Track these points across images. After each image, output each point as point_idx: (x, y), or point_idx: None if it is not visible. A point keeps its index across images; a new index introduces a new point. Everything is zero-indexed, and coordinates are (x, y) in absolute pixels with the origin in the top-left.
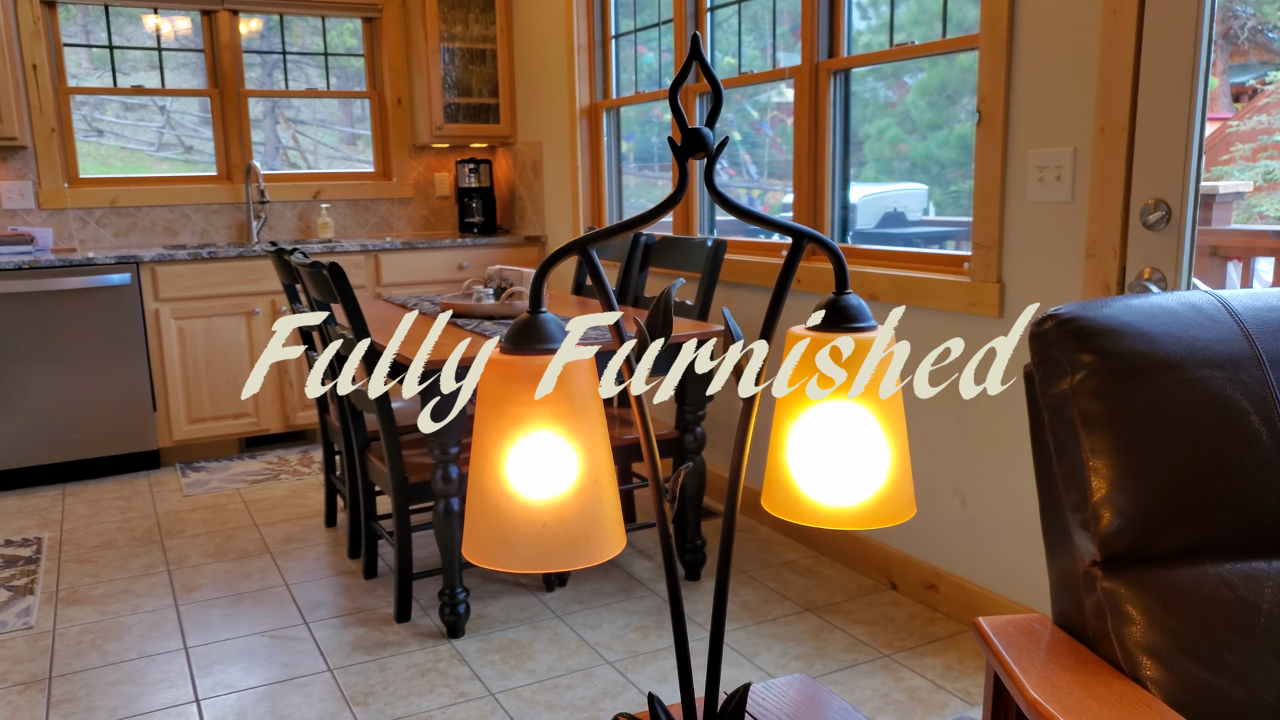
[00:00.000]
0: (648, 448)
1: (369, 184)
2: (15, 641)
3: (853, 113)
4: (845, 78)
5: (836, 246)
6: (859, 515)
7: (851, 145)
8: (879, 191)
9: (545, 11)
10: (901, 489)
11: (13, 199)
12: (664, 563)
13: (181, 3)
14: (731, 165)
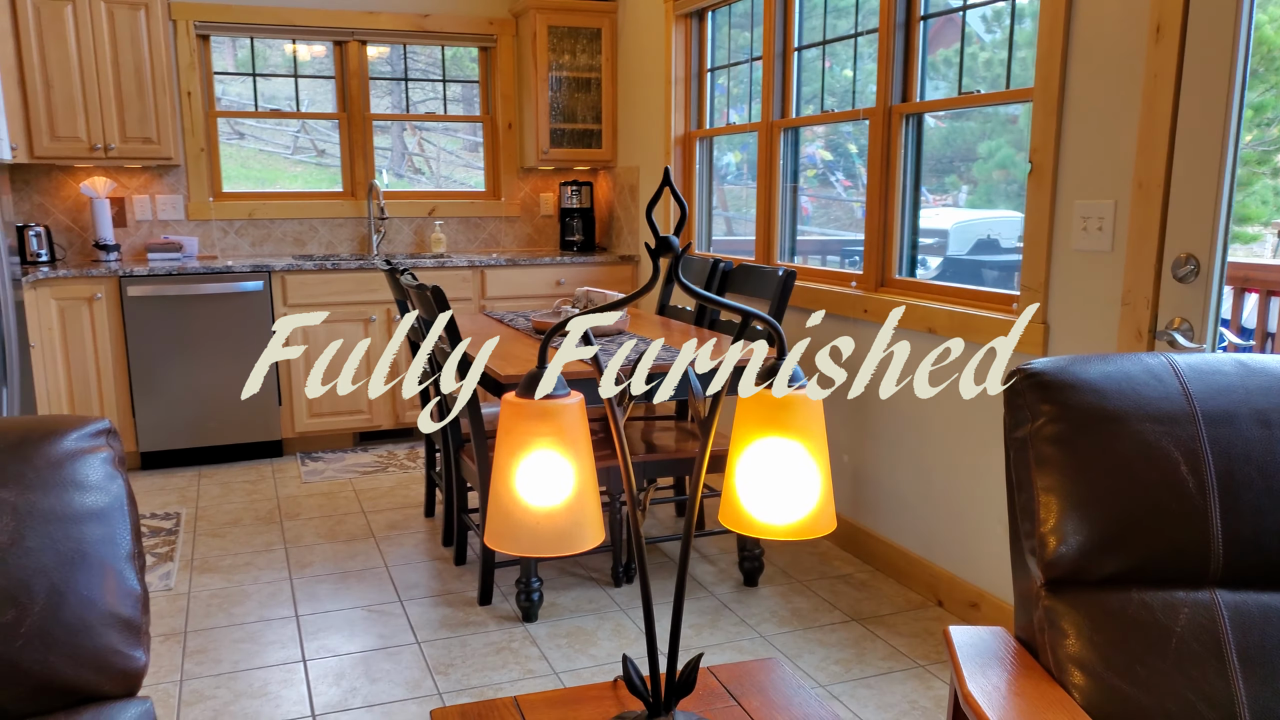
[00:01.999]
0: (624, 463)
1: (479, 203)
2: (158, 600)
3: (970, 127)
4: (917, 121)
5: (777, 323)
6: (788, 529)
7: (959, 166)
8: (975, 218)
9: (647, 44)
10: (825, 502)
11: (165, 210)
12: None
13: (316, 34)
14: (847, 176)
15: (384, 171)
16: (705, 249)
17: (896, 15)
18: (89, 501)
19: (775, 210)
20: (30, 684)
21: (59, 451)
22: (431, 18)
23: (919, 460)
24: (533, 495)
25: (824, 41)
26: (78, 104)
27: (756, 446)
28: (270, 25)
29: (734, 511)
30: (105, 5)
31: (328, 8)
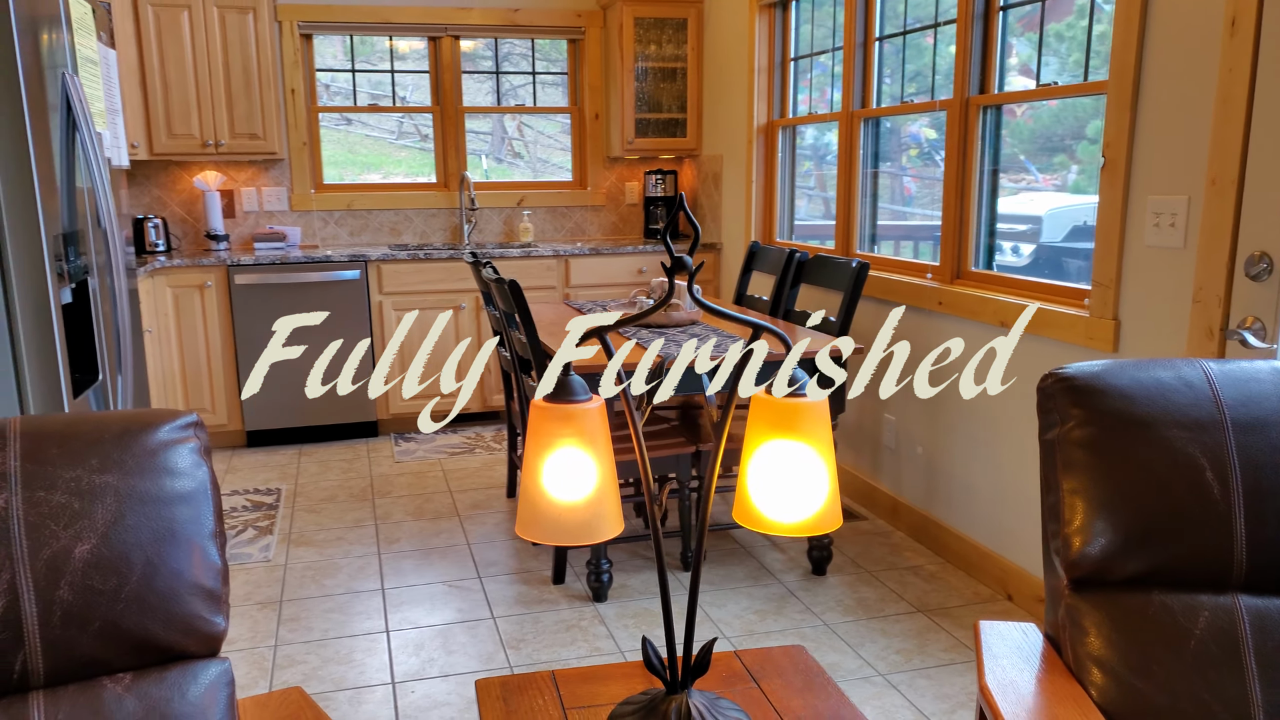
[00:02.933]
0: (641, 459)
1: (566, 192)
2: (258, 570)
3: (1084, 104)
4: (996, 112)
5: (785, 335)
6: (796, 527)
7: (1069, 145)
8: (1071, 204)
9: (731, 34)
10: (833, 501)
11: (270, 202)
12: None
13: (412, 30)
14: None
15: (483, 156)
16: (787, 237)
17: (975, 6)
18: (178, 486)
19: (855, 199)
20: (129, 642)
21: (154, 442)
22: (521, 11)
23: (992, 453)
24: (557, 489)
25: (904, 31)
26: (191, 103)
27: (766, 448)
28: (369, 23)
29: (746, 509)
30: (218, 10)
31: (423, 4)
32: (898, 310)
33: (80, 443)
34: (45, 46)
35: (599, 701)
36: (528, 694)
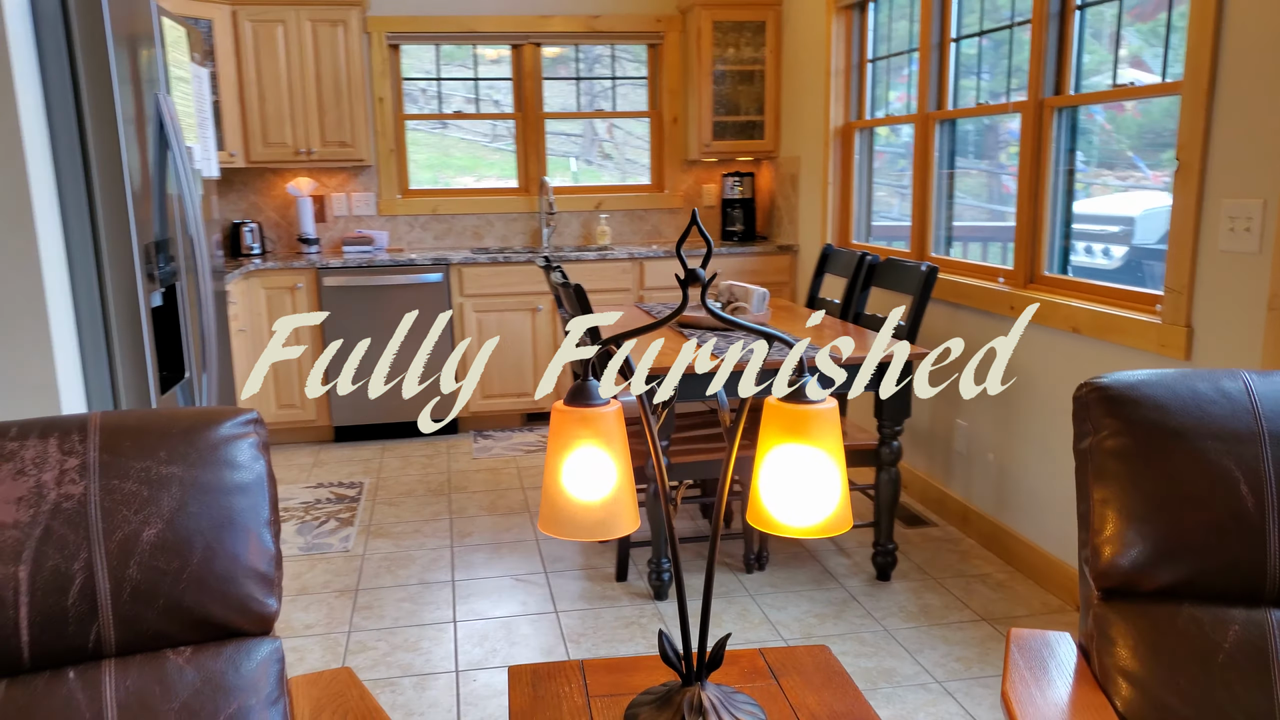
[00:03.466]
0: (657, 461)
1: (644, 195)
2: (337, 560)
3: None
4: (1071, 114)
5: (792, 340)
6: (806, 529)
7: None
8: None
9: (809, 35)
10: (844, 505)
11: (359, 207)
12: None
13: (495, 39)
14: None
15: (573, 159)
16: (864, 240)
17: (1051, 6)
18: (237, 478)
19: (930, 201)
20: (190, 619)
21: (216, 436)
22: (601, 18)
23: (1063, 461)
24: (576, 488)
25: (980, 32)
26: (285, 113)
27: (778, 452)
28: (454, 33)
29: (758, 511)
30: (310, 23)
31: (506, 13)
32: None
33: (151, 436)
34: (140, 69)
35: (621, 691)
36: (555, 681)
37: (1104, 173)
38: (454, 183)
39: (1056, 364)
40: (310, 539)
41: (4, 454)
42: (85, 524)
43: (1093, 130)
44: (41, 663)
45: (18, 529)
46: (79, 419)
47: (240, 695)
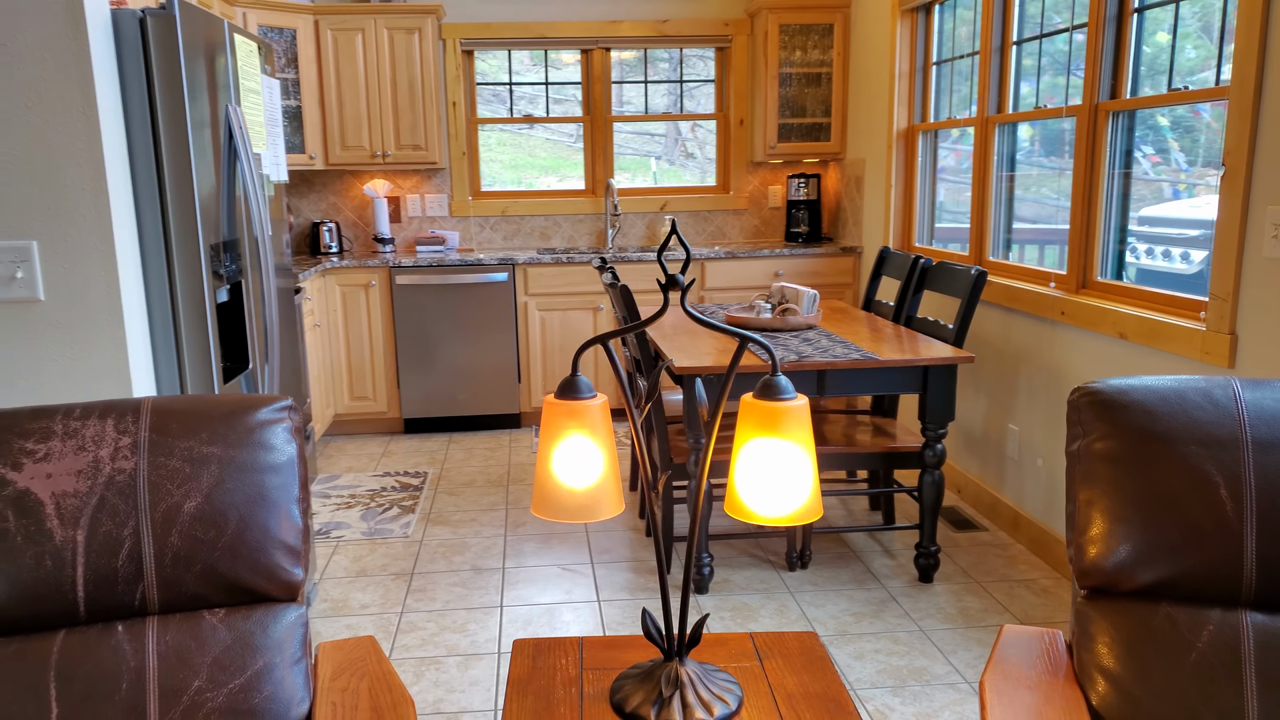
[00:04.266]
0: (642, 455)
1: (709, 196)
2: (397, 545)
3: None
4: (1128, 118)
5: (771, 346)
6: (779, 519)
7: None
8: None
9: (875, 38)
10: (815, 495)
11: (432, 208)
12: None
13: (566, 44)
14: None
15: (654, 159)
16: (926, 242)
17: (1107, 9)
18: (271, 459)
19: (988, 204)
20: (224, 583)
21: (254, 421)
22: (670, 23)
23: None
24: (565, 475)
25: (1040, 35)
26: (362, 117)
27: (752, 445)
28: (525, 38)
29: (734, 501)
30: (388, 31)
31: (576, 19)
32: (1014, 316)
33: (195, 419)
34: (211, 82)
35: (613, 666)
36: (554, 654)
37: (1186, 174)
38: (539, 183)
39: (1103, 370)
40: (373, 524)
41: (68, 432)
42: (134, 495)
43: (1198, 127)
44: (95, 616)
45: (77, 498)
46: (133, 402)
47: (266, 654)
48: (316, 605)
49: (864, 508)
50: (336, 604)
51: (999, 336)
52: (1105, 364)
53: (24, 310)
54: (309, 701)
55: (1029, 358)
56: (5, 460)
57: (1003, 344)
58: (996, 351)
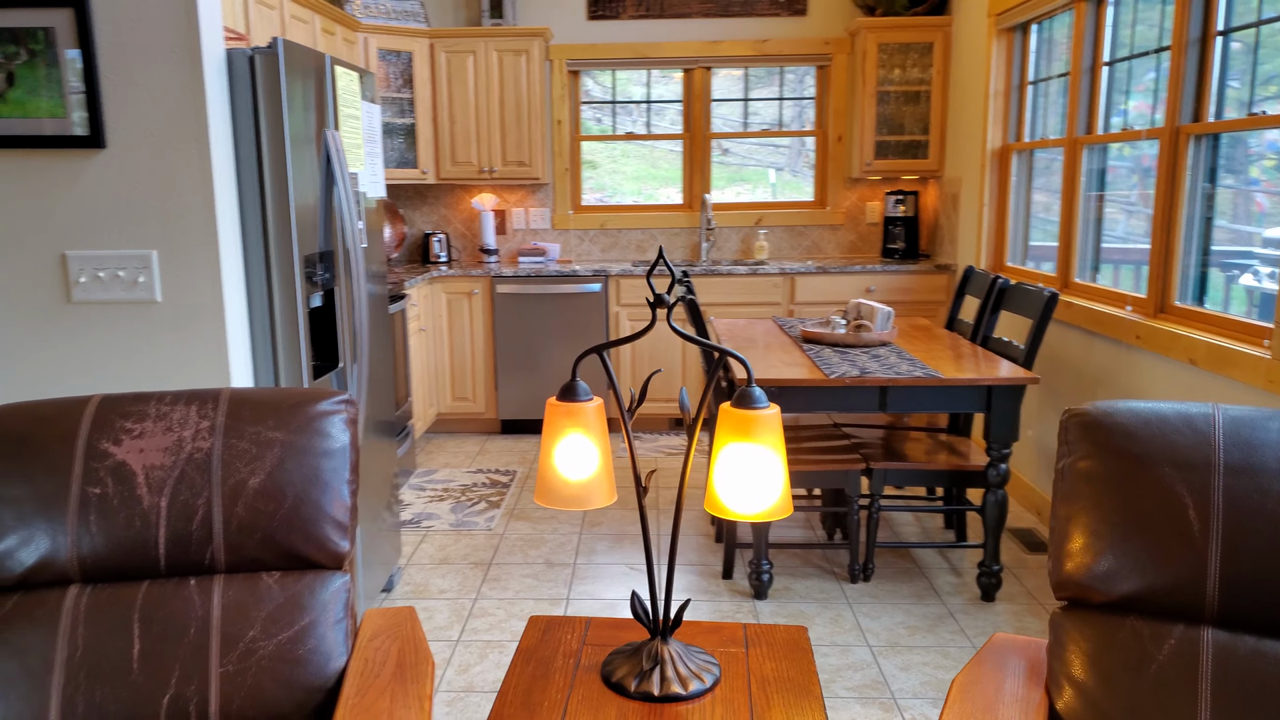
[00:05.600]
0: (632, 459)
1: (805, 212)
2: (480, 536)
3: None
4: (1212, 141)
5: (744, 359)
6: (754, 515)
7: None
8: None
9: (972, 57)
10: (785, 495)
11: (535, 221)
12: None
13: (668, 64)
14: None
15: (774, 170)
16: (1020, 262)
17: (1190, 32)
18: (326, 445)
19: (1075, 226)
20: (280, 550)
21: (314, 411)
22: (770, 42)
23: None
24: (564, 468)
25: (1130, 56)
26: (472, 135)
27: (729, 449)
28: (629, 59)
29: (713, 500)
30: (497, 53)
31: (678, 40)
32: (1090, 338)
33: (264, 408)
34: (314, 110)
35: (612, 643)
36: (562, 630)
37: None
38: (658, 195)
39: (1173, 396)
40: (461, 516)
41: (159, 415)
42: (209, 471)
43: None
44: (172, 571)
45: (163, 470)
46: (214, 392)
47: (313, 613)
48: (399, 588)
49: (939, 525)
50: (418, 588)
51: (1079, 359)
52: (1175, 390)
53: (144, 310)
54: (346, 656)
55: (1107, 381)
56: (109, 436)
57: (1082, 366)
58: (1076, 374)
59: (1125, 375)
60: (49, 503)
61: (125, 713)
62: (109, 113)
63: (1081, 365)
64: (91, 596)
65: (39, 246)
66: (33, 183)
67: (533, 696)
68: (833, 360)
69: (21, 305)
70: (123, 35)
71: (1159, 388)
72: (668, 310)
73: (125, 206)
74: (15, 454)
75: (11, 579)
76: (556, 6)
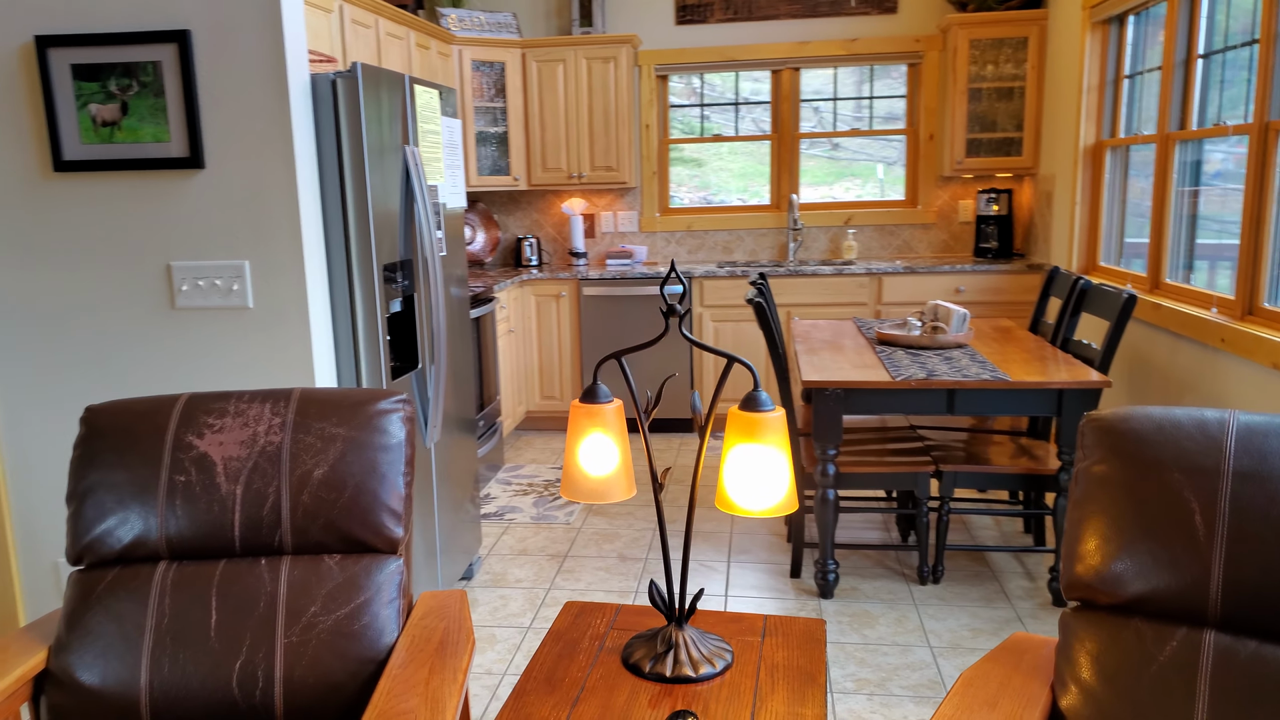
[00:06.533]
0: (648, 455)
1: (896, 211)
2: (558, 530)
3: None
4: None
5: (751, 365)
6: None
7: None
8: None
9: (1067, 51)
10: (791, 492)
11: (623, 224)
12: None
13: (756, 66)
14: None
15: (882, 165)
16: (1114, 263)
17: (1279, 25)
18: (384, 440)
19: (1167, 224)
20: (340, 535)
21: (374, 410)
22: (860, 41)
23: None
24: (586, 464)
25: (1225, 49)
26: (561, 141)
27: (738, 450)
28: (717, 62)
29: (724, 497)
30: (586, 61)
31: (766, 42)
32: (1176, 340)
33: (329, 406)
34: (392, 126)
35: (637, 628)
36: (593, 615)
37: None
38: (763, 192)
39: (1255, 403)
40: (542, 510)
41: (238, 411)
42: (279, 462)
43: None
44: (246, 551)
45: (239, 461)
46: (287, 391)
47: (368, 593)
48: (479, 576)
49: (1020, 529)
50: (496, 577)
51: (1166, 362)
52: (1260, 397)
53: (237, 315)
54: (397, 633)
55: (1193, 386)
56: (194, 430)
57: (1169, 370)
58: (1163, 378)
59: (1210, 380)
60: (142, 488)
61: (203, 674)
62: (207, 136)
63: (1168, 369)
64: (177, 572)
65: (148, 258)
66: (143, 201)
67: (556, 673)
68: (903, 362)
69: (133, 311)
70: (218, 66)
71: (1244, 394)
72: (679, 319)
73: (221, 221)
74: (117, 446)
75: (112, 554)
76: (645, 13)
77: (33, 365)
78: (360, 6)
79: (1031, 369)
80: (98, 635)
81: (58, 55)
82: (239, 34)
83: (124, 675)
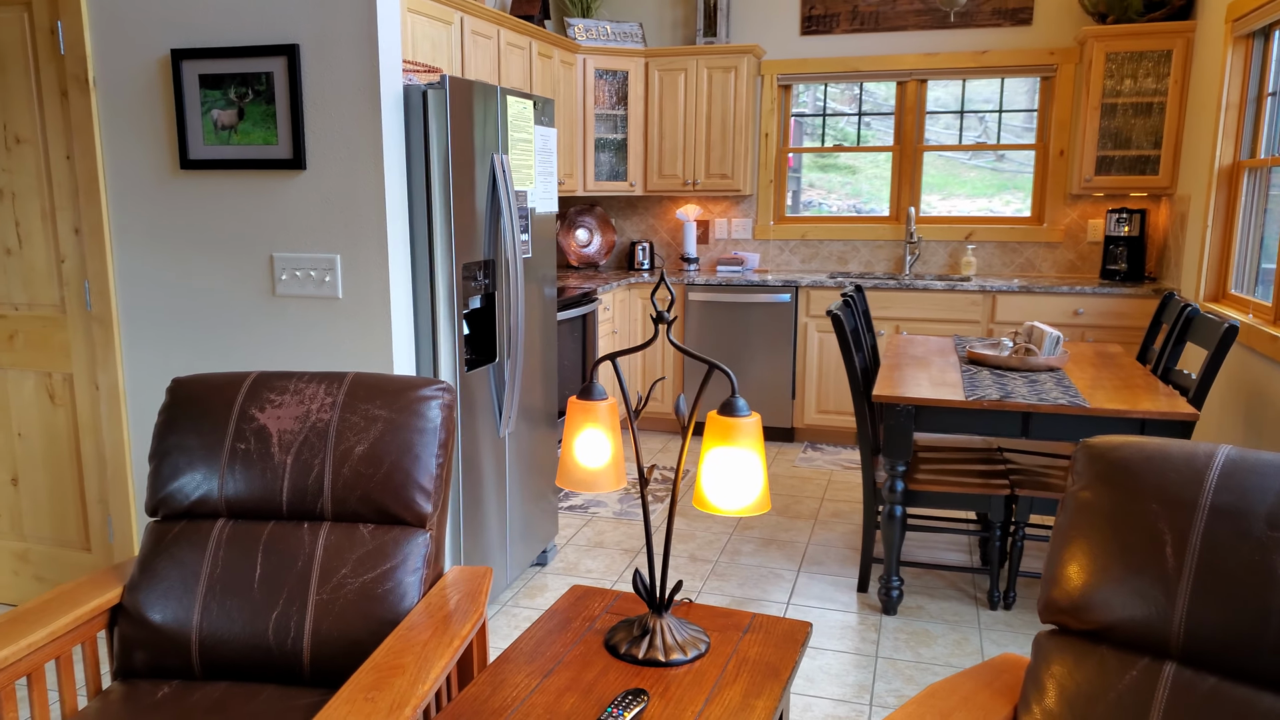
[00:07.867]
0: (638, 459)
1: (1020, 228)
2: (636, 526)
3: None
4: None
5: (728, 370)
6: (737, 511)
7: None
8: None
9: (1210, 66)
10: (763, 494)
11: (737, 231)
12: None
13: (881, 77)
14: None
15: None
16: (1248, 292)
17: None
18: (421, 424)
19: None
20: (375, 507)
21: (415, 396)
22: (990, 53)
23: None
24: (581, 456)
25: None
26: (678, 148)
27: (715, 452)
28: (842, 72)
29: (701, 498)
30: (707, 70)
31: (892, 53)
32: None
33: (375, 390)
34: (484, 133)
35: (630, 614)
36: (592, 599)
37: None
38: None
39: None
40: (624, 507)
41: (296, 390)
42: (326, 438)
43: None
44: (291, 515)
45: (292, 434)
46: (341, 375)
47: (395, 561)
48: (553, 564)
49: None
50: (569, 565)
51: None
52: None
53: (328, 304)
54: (417, 600)
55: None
56: (257, 405)
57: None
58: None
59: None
60: (210, 453)
61: (244, 620)
62: (309, 140)
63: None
64: (232, 529)
65: (255, 249)
66: (252, 197)
67: (540, 647)
68: (984, 382)
69: (240, 297)
70: (321, 77)
71: None
72: (667, 327)
73: (317, 217)
74: (192, 414)
75: (181, 509)
76: (770, 25)
77: (156, 339)
78: (481, 18)
79: (1118, 397)
80: (163, 578)
81: (189, 66)
82: (339, 48)
83: (180, 615)
